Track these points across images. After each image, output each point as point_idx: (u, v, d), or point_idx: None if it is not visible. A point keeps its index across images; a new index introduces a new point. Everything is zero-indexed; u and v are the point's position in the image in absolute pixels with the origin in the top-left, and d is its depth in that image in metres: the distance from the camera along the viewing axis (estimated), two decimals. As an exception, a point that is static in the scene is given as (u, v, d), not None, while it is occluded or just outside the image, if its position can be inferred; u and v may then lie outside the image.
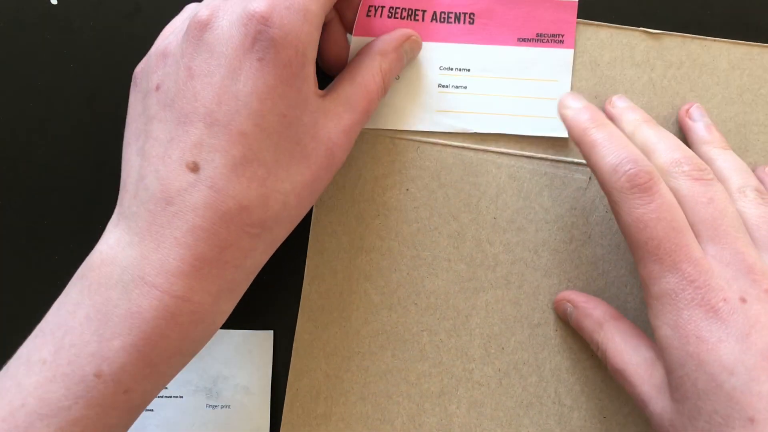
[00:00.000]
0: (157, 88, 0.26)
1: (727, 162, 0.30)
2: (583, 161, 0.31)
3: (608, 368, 0.30)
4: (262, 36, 0.24)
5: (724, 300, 0.25)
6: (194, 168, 0.24)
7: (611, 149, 0.27)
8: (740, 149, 0.32)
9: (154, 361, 0.24)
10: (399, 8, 0.31)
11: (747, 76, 0.32)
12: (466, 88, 0.32)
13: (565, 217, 0.32)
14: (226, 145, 0.24)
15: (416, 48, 0.32)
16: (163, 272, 0.24)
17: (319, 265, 0.33)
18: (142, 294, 0.24)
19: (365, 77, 0.29)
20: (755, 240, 0.27)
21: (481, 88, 0.32)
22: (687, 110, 0.32)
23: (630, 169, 0.26)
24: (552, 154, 0.33)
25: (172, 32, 0.27)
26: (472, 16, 0.32)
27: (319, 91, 0.27)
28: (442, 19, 0.32)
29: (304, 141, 0.26)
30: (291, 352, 0.33)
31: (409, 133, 0.33)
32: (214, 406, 0.33)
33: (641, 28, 0.32)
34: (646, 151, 0.28)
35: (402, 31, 0.31)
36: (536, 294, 0.33)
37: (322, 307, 0.33)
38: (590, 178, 0.32)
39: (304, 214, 0.27)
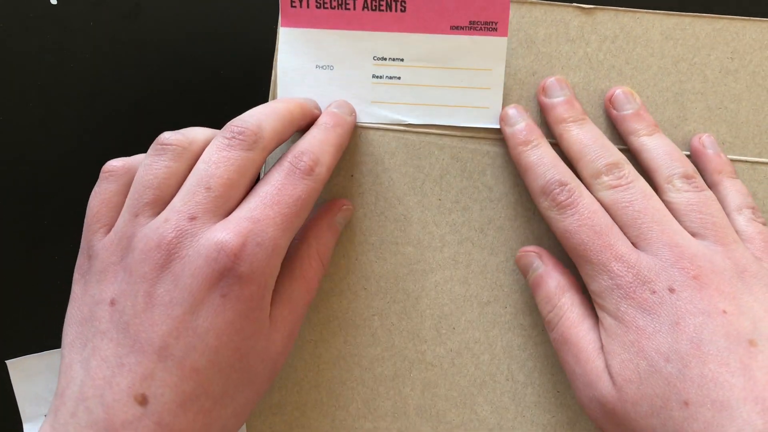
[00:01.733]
0: (112, 303, 0.25)
1: (654, 150, 0.30)
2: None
3: (555, 336, 0.29)
4: (229, 273, 0.24)
5: (653, 292, 0.26)
6: (142, 401, 0.24)
7: (539, 173, 0.30)
8: (678, 118, 0.32)
9: None
10: None
11: (680, 46, 0.32)
12: (399, 78, 0.32)
13: (508, 194, 0.33)
14: (177, 380, 0.24)
15: (349, 215, 0.32)
16: None
17: (267, 255, 0.33)
18: None
19: (303, 268, 0.29)
20: (686, 227, 0.28)
21: (414, 78, 0.32)
22: (610, 99, 0.32)
23: (553, 189, 0.29)
24: (493, 134, 0.33)
25: (123, 224, 0.26)
26: (403, 3, 0.31)
27: (271, 311, 0.27)
28: (374, 7, 0.31)
29: (254, 367, 0.26)
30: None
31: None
32: None
33: (574, 4, 0.32)
34: (572, 158, 0.30)
35: (334, 204, 0.32)
36: (484, 272, 0.33)
37: (272, 297, 0.33)
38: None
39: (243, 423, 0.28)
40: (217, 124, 0.28)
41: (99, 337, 0.25)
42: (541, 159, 0.30)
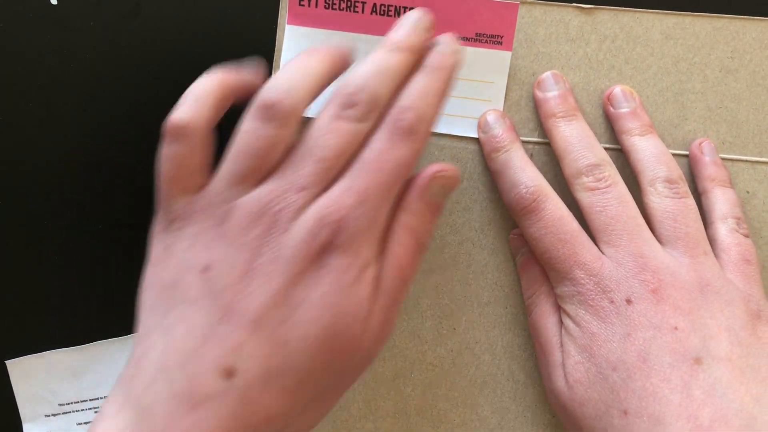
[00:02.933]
0: (206, 269, 0.24)
1: (643, 151, 0.30)
2: (525, 140, 0.32)
3: (530, 322, 0.31)
4: (329, 246, 0.23)
5: (611, 302, 0.27)
6: (229, 374, 0.22)
7: (506, 177, 0.30)
8: (678, 118, 0.32)
9: None
10: None
11: (680, 46, 0.32)
12: None
13: (509, 194, 0.33)
14: (267, 353, 0.23)
15: (451, 183, 0.27)
16: None
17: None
18: None
19: (398, 254, 0.25)
20: (659, 235, 0.28)
21: None
22: (608, 96, 0.32)
23: (517, 194, 0.29)
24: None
25: (222, 189, 0.25)
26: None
27: (370, 289, 0.25)
28: (382, 12, 0.32)
29: (343, 352, 0.24)
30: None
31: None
32: None
33: (574, 4, 0.32)
34: (557, 155, 0.31)
35: (431, 168, 0.26)
36: (484, 273, 0.33)
37: (272, 298, 0.33)
38: (531, 156, 0.33)
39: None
40: (217, 124, 0.27)
41: (186, 305, 0.24)
42: (510, 162, 0.30)
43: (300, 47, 0.32)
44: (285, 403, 0.23)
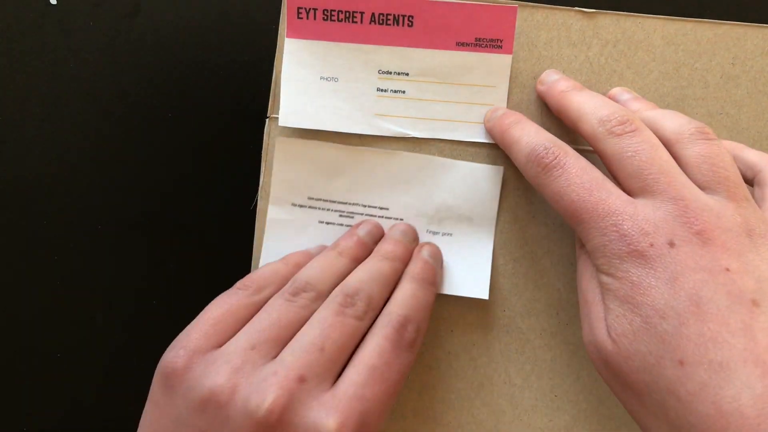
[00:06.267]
0: None
1: (661, 118, 0.29)
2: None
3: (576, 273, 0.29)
4: None
5: (651, 245, 0.25)
6: None
7: (522, 143, 0.29)
8: (679, 124, 0.32)
9: None
10: (335, 11, 0.31)
11: (682, 51, 0.32)
12: (404, 92, 0.32)
13: (508, 197, 0.33)
14: None
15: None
16: None
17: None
18: None
19: None
20: (696, 180, 0.26)
21: (419, 92, 0.32)
22: (609, 96, 0.32)
23: (537, 154, 0.28)
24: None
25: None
26: (411, 18, 0.32)
27: None
28: (381, 21, 0.32)
29: None
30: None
31: (351, 136, 0.32)
32: (435, 233, 0.33)
33: (576, 8, 0.32)
34: (574, 120, 0.29)
35: None
36: (483, 275, 0.33)
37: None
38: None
39: None
40: (217, 124, 0.28)
41: None
42: (524, 130, 0.29)
43: (300, 60, 0.32)
44: None
